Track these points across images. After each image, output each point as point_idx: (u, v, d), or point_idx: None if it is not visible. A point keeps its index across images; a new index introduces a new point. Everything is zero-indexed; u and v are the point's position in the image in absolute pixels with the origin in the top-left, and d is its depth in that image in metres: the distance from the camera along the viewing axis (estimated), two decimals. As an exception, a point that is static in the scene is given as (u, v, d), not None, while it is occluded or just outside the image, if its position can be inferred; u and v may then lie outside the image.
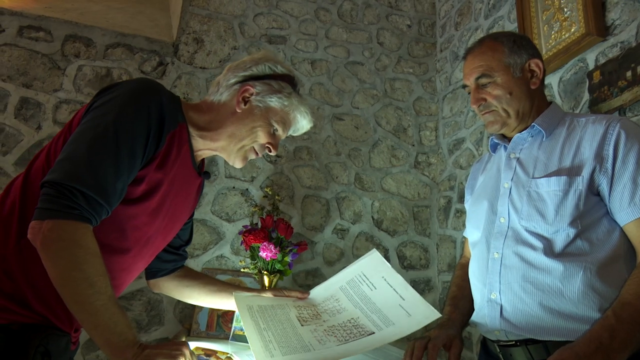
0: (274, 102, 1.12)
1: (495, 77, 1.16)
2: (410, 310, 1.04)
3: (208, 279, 1.33)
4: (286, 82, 1.15)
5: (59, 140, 0.95)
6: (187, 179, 1.11)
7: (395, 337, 1.01)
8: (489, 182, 1.25)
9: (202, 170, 1.21)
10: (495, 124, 1.19)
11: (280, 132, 1.15)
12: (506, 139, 1.25)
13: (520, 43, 1.19)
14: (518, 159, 1.18)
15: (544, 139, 1.16)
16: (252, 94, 1.11)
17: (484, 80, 1.17)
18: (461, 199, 2.41)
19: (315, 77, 2.61)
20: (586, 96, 1.70)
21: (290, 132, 1.21)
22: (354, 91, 2.67)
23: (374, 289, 1.14)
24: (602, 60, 1.67)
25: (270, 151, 1.16)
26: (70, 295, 0.82)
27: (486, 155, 1.39)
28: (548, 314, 1.01)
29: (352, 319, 1.10)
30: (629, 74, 1.53)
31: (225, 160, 2.40)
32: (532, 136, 1.18)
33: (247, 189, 2.35)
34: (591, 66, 1.71)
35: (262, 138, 1.13)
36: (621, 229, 1.02)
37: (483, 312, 1.13)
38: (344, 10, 2.79)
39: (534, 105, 1.19)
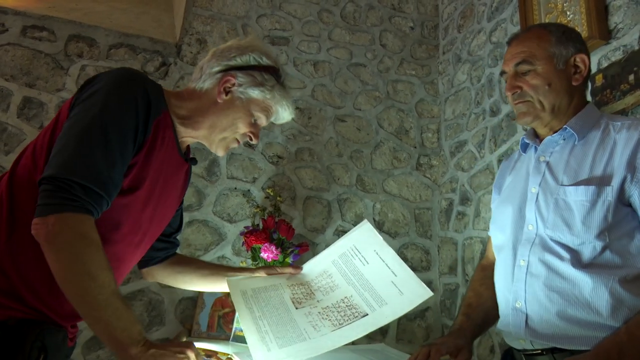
0: (256, 94, 1.12)
1: (537, 66, 1.10)
2: (403, 288, 1.05)
3: (200, 263, 1.34)
4: (270, 73, 1.14)
5: (45, 137, 0.95)
6: (174, 166, 1.12)
7: (388, 319, 1.02)
8: (517, 184, 1.20)
9: (188, 157, 1.21)
10: (527, 116, 1.13)
11: (261, 121, 1.16)
12: (537, 139, 1.19)
13: (569, 35, 1.14)
14: (547, 163, 1.12)
15: (576, 143, 1.10)
16: (234, 85, 1.11)
17: (524, 67, 1.12)
18: (462, 201, 2.41)
19: (318, 79, 2.61)
20: (588, 99, 1.70)
21: (272, 120, 1.22)
22: (357, 93, 2.67)
23: (366, 264, 1.14)
24: (605, 64, 1.67)
25: (251, 139, 1.16)
26: (72, 290, 0.82)
27: (516, 153, 1.32)
28: (574, 325, 0.98)
29: (345, 297, 1.11)
30: (631, 77, 1.53)
31: (227, 161, 2.39)
32: (564, 139, 1.12)
33: (248, 190, 2.35)
34: (594, 69, 1.71)
35: (242, 128, 1.14)
36: None
37: (507, 320, 1.09)
38: (347, 12, 2.79)
39: (572, 103, 1.13)
